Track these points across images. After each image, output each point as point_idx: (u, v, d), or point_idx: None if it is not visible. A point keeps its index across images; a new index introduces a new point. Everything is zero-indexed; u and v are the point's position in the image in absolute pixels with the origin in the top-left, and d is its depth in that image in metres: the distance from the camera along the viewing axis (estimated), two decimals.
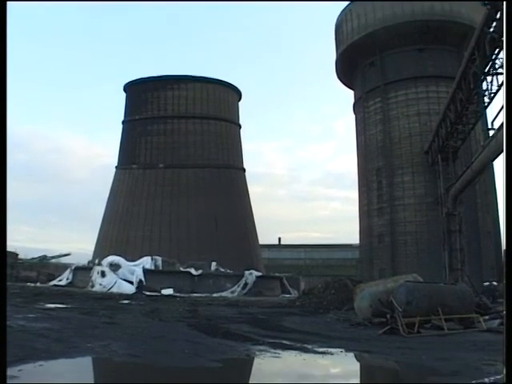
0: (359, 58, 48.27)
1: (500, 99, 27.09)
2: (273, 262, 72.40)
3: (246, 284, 44.72)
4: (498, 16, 23.65)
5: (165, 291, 38.24)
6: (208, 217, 57.52)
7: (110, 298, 30.51)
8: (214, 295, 40.18)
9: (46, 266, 58.05)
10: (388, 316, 14.42)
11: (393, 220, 43.97)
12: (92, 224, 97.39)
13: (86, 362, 8.86)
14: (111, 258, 43.49)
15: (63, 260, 62.73)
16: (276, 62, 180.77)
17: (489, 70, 27.16)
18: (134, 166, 62.35)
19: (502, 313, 15.24)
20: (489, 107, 30.09)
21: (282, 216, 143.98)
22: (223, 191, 60.29)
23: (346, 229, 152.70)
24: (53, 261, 62.98)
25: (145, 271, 41.24)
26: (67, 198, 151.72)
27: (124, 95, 69.11)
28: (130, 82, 67.34)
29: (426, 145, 42.07)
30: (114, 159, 67.86)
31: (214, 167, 62.22)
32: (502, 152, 23.60)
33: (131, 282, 39.75)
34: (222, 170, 62.82)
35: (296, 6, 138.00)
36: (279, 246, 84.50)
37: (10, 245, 49.12)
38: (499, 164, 34.93)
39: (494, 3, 23.43)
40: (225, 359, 9.10)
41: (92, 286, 40.52)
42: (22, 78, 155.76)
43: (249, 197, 65.80)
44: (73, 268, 47.16)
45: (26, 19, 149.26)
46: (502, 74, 25.76)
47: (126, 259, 43.48)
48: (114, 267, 41.75)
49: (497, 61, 26.05)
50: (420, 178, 43.40)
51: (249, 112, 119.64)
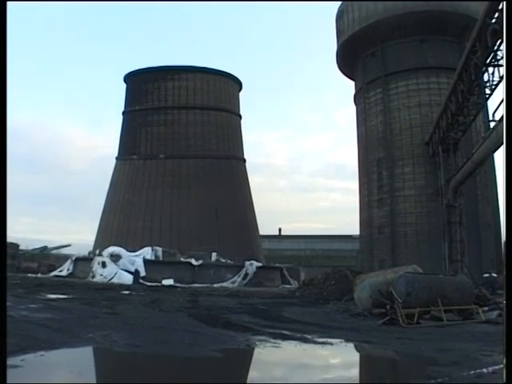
0: (360, 48, 48.08)
1: (501, 91, 27.02)
2: (273, 253, 72.64)
3: (246, 274, 44.92)
4: (500, 7, 23.52)
5: (165, 281, 38.39)
6: (208, 207, 57.57)
7: (110, 288, 30.63)
8: (215, 285, 40.36)
9: (46, 257, 58.28)
10: (388, 307, 14.48)
11: (393, 211, 43.99)
12: (92, 215, 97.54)
13: (87, 352, 8.91)
14: (112, 249, 43.63)
15: (64, 251, 62.95)
16: (277, 53, 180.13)
17: (490, 61, 27.02)
18: (134, 156, 62.33)
19: (501, 304, 15.31)
20: (490, 99, 30.05)
21: (283, 207, 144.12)
22: (224, 182, 60.30)
23: (346, 220, 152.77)
24: (53, 252, 63.24)
25: (145, 262, 41.38)
26: (67, 189, 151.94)
27: (124, 86, 69.05)
28: (130, 72, 67.19)
29: (427, 136, 41.99)
30: (115, 150, 67.98)
31: (215, 158, 62.20)
32: (502, 144, 23.59)
33: (132, 273, 39.90)
34: (222, 161, 62.81)
35: None
36: (279, 237, 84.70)
37: (11, 236, 49.22)
38: (500, 156, 34.92)
39: None
40: (225, 349, 9.14)
41: (93, 277, 40.69)
42: (22, 68, 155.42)
43: (249, 187, 65.85)
44: (73, 259, 47.36)
45: (26, 9, 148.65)
46: (503, 65, 25.67)
47: (126, 250, 43.63)
48: (115, 258, 41.90)
49: (498, 52, 25.91)
50: (420, 169, 43.35)
51: (249, 102, 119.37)
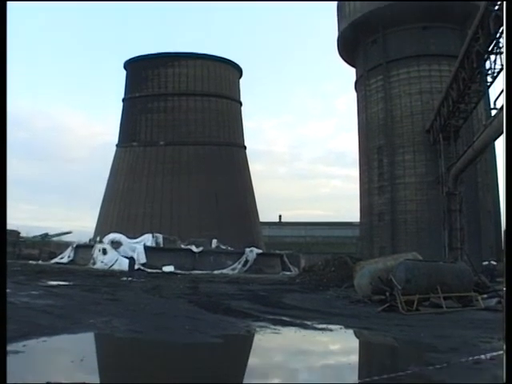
0: (361, 35, 47.78)
1: (502, 79, 26.91)
2: (273, 240, 72.80)
3: (246, 261, 45.05)
4: None
5: (166, 268, 38.52)
6: (209, 194, 57.59)
7: (111, 275, 30.76)
8: (215, 272, 40.51)
9: (47, 244, 58.47)
10: (387, 294, 14.55)
11: (393, 198, 44.02)
12: (93, 202, 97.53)
13: (88, 338, 8.99)
14: (112, 236, 43.70)
15: (64, 238, 63.13)
16: (277, 39, 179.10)
17: (492, 48, 26.86)
18: (134, 143, 62.22)
19: (500, 292, 15.38)
20: (491, 86, 29.90)
21: (283, 194, 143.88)
22: (224, 169, 60.27)
23: (346, 207, 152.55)
24: (54, 239, 63.39)
25: (146, 248, 41.46)
26: (67, 176, 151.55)
27: (124, 73, 68.75)
28: (130, 59, 66.86)
29: (428, 124, 41.89)
30: (115, 137, 67.81)
31: (215, 144, 62.10)
32: (503, 132, 23.54)
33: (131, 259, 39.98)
34: (222, 148, 62.72)
35: None
36: (280, 224, 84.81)
37: (12, 223, 49.38)
38: (501, 144, 34.85)
39: None
40: (225, 335, 9.22)
41: (93, 264, 40.82)
42: (21, 54, 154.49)
43: (249, 174, 65.82)
44: (74, 246, 47.46)
45: None
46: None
47: (127, 237, 43.68)
48: (115, 245, 41.98)
49: (501, 39, 25.72)
50: (421, 156, 43.30)
51: (250, 89, 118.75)
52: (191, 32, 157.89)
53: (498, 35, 25.54)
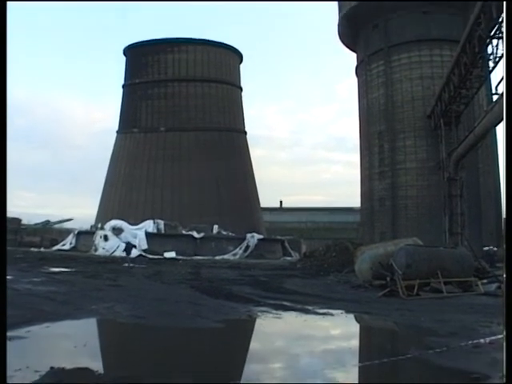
0: (362, 20, 47.37)
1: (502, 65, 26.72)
2: (274, 225, 72.81)
3: (247, 247, 45.23)
4: None
5: (167, 254, 38.67)
6: (210, 180, 57.59)
7: (112, 261, 30.92)
8: (216, 258, 40.68)
9: (49, 231, 58.51)
10: (388, 279, 14.62)
11: (394, 184, 44.00)
12: (94, 189, 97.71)
13: (91, 324, 9.07)
14: (114, 222, 43.83)
15: (66, 225, 63.17)
16: (277, 24, 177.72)
17: (494, 33, 26.66)
18: (134, 129, 62.08)
19: (500, 277, 15.44)
20: (493, 72, 29.71)
21: (284, 179, 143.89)
22: (225, 154, 60.18)
23: (347, 192, 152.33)
24: (56, 226, 63.43)
25: (147, 234, 41.59)
26: (68, 163, 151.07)
27: (124, 59, 68.36)
28: (129, 45, 66.40)
29: (429, 109, 41.71)
30: (115, 123, 67.61)
31: (216, 130, 61.95)
32: None
33: (134, 246, 40.08)
34: (223, 133, 62.58)
35: None
36: (281, 209, 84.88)
37: (13, 211, 49.48)
38: (502, 129, 34.70)
39: None
40: (227, 320, 9.29)
41: (95, 250, 40.97)
42: (21, 42, 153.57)
43: (250, 160, 65.74)
44: (76, 233, 47.56)
45: None
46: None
47: (128, 223, 43.80)
48: (117, 231, 42.11)
49: (503, 24, 25.59)
50: (422, 142, 43.19)
51: (250, 74, 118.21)
52: (191, 17, 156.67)
53: (500, 20, 25.35)
